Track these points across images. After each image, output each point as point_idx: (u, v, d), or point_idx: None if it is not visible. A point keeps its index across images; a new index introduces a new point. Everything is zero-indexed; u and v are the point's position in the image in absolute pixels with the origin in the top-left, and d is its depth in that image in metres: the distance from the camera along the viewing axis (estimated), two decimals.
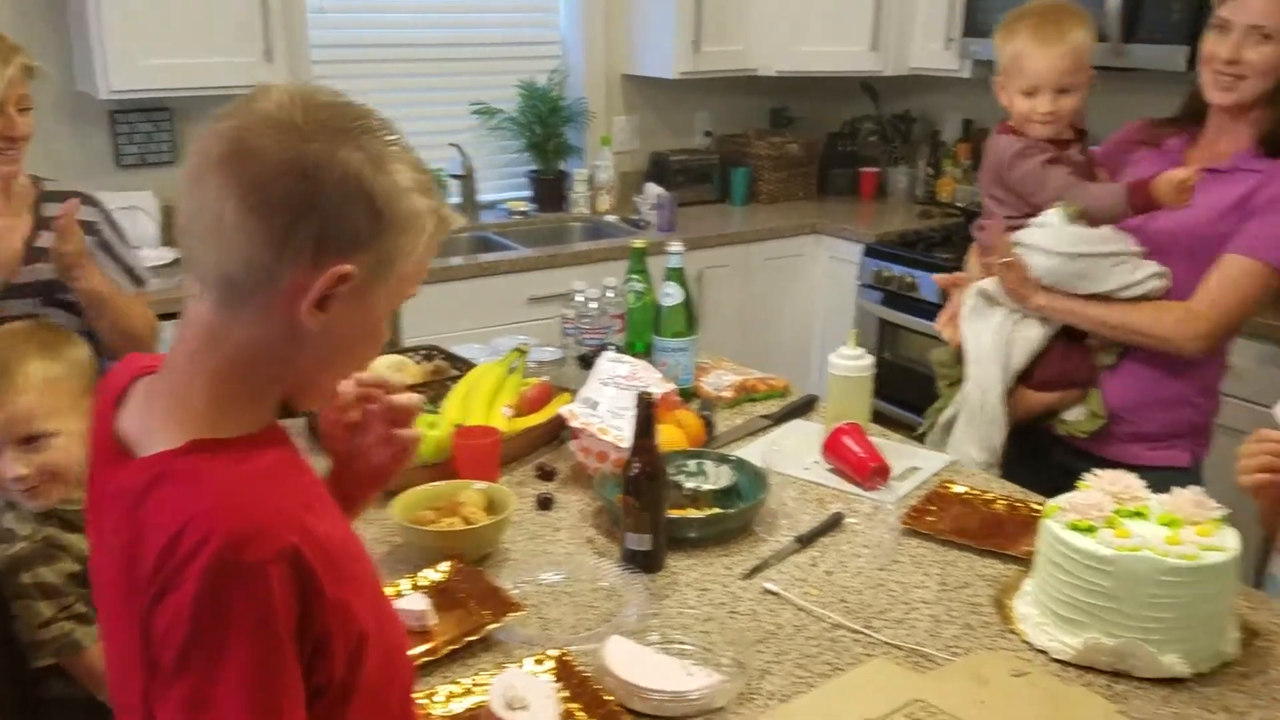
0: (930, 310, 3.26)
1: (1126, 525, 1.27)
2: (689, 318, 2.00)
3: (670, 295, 1.99)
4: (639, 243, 2.12)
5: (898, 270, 3.42)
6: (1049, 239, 1.80)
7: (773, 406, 2.06)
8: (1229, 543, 1.24)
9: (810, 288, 3.80)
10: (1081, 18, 1.83)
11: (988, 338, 1.89)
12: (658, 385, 1.75)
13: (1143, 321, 1.79)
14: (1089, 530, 1.27)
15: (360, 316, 0.89)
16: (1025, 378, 1.89)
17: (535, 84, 3.74)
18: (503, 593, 1.35)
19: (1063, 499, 1.33)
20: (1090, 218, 1.80)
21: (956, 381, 2.00)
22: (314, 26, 3.39)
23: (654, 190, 3.61)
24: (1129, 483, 1.33)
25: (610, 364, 1.79)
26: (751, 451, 1.81)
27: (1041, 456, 1.94)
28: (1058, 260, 1.79)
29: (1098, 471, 1.36)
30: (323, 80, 3.44)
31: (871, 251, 3.53)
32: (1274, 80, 1.72)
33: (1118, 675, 1.23)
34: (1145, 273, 1.78)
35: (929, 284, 3.27)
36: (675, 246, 2.00)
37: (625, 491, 1.45)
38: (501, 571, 1.46)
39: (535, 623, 1.34)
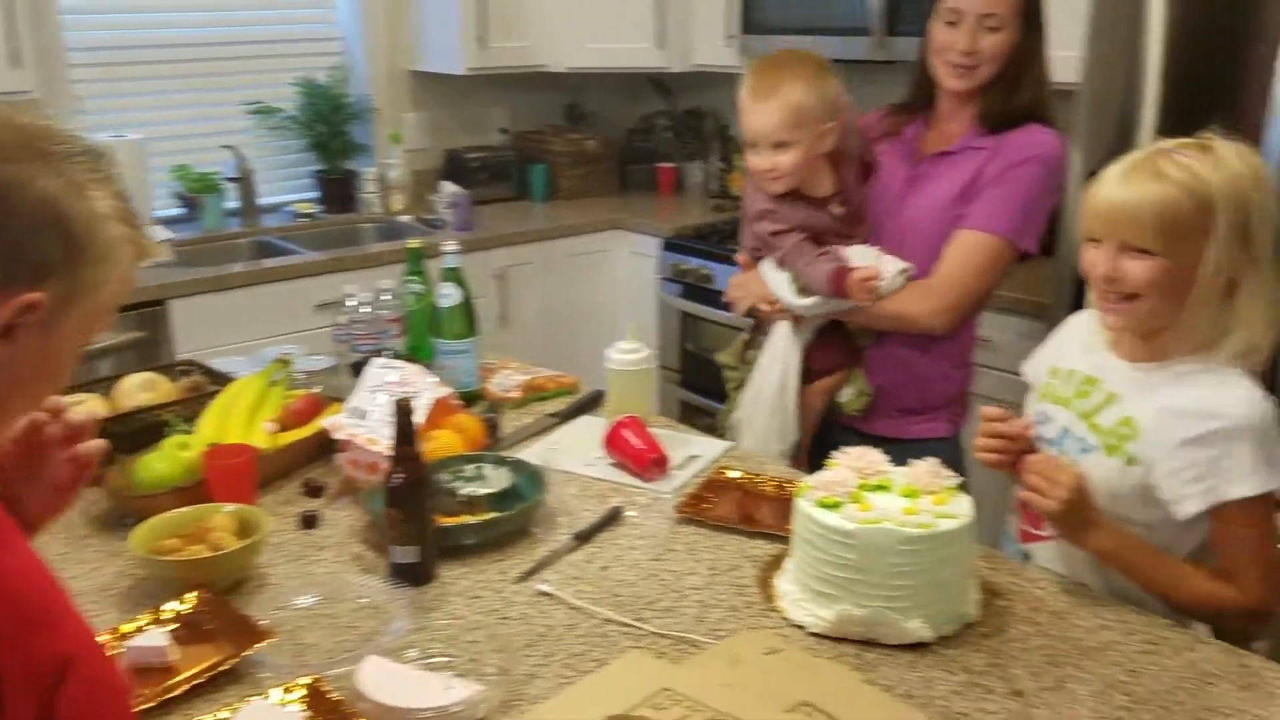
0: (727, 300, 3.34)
1: (870, 499, 1.32)
2: (468, 318, 1.97)
3: (447, 296, 1.95)
4: (414, 243, 2.07)
5: (694, 263, 3.47)
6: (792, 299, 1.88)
7: (562, 404, 2.05)
8: (963, 509, 1.31)
9: (614, 283, 3.83)
10: (803, 74, 1.78)
11: (779, 334, 1.95)
12: (431, 390, 1.71)
13: (888, 306, 1.86)
14: (835, 506, 1.31)
15: (47, 348, 0.85)
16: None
17: (315, 81, 3.61)
18: (253, 621, 1.28)
19: (812, 478, 1.37)
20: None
21: (741, 384, 2.05)
22: (70, 28, 3.18)
23: (449, 188, 3.55)
24: (873, 458, 1.38)
25: (380, 370, 1.74)
26: (537, 452, 1.79)
27: (824, 439, 2.01)
28: (809, 304, 1.88)
29: (846, 449, 1.41)
30: (84, 85, 3.24)
31: (669, 245, 3.58)
32: (1001, 64, 1.83)
33: (869, 644, 1.28)
34: (891, 273, 1.85)
35: (724, 275, 3.35)
36: (450, 246, 1.96)
37: (388, 503, 1.41)
38: (256, 598, 1.39)
39: (289, 649, 1.28)
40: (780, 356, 1.95)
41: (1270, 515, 1.30)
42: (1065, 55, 2.15)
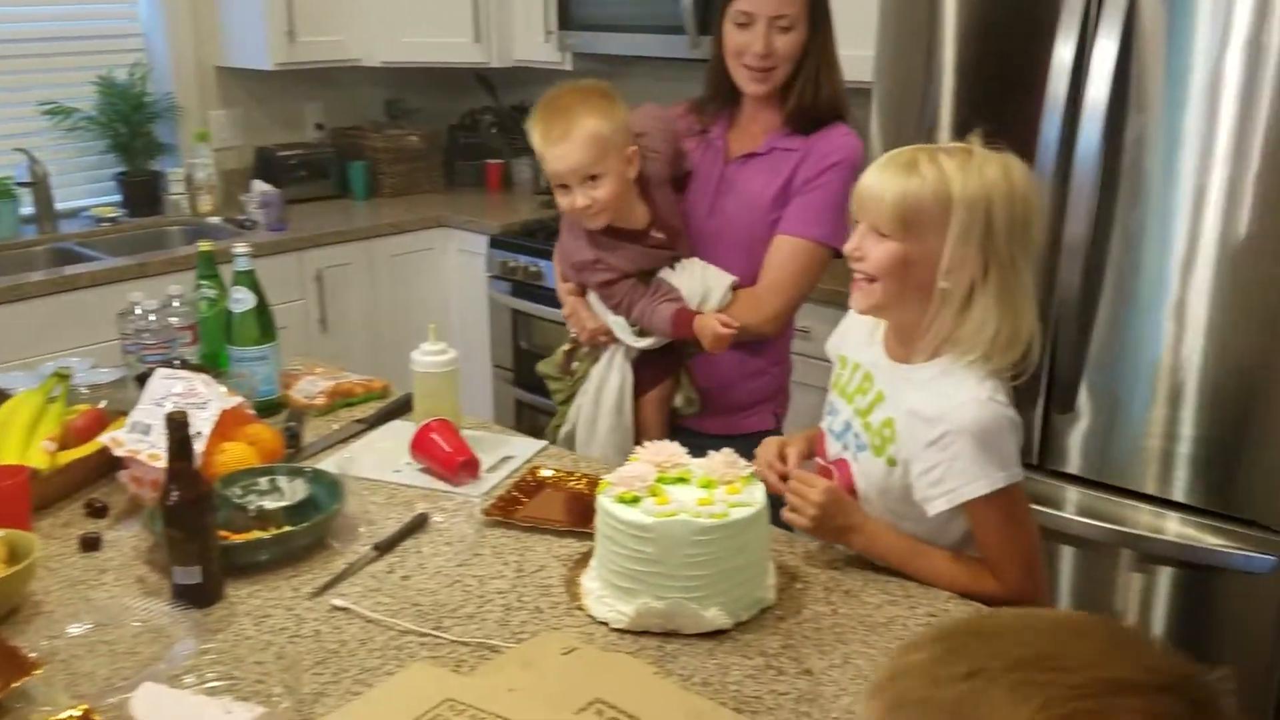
0: (555, 297, 3.32)
1: (668, 492, 1.33)
2: (264, 323, 1.89)
3: (240, 301, 1.87)
4: (205, 245, 1.98)
5: (523, 260, 3.44)
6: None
7: (371, 410, 1.99)
8: (756, 497, 1.33)
9: (442, 282, 3.76)
10: (593, 104, 1.78)
11: (612, 350, 1.96)
12: (219, 400, 1.63)
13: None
14: (634, 501, 1.31)
15: None
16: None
17: (115, 80, 3.41)
18: (22, 652, 1.19)
19: (612, 474, 1.37)
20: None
21: (569, 397, 2.04)
22: None
23: (260, 187, 3.42)
24: (671, 451, 1.39)
25: (164, 381, 1.65)
26: (336, 460, 1.73)
27: None
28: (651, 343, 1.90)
29: (646, 444, 1.42)
30: None
31: (496, 243, 3.53)
32: (797, 63, 1.86)
33: (669, 635, 1.29)
34: (720, 293, 1.88)
35: (553, 271, 3.32)
36: (241, 248, 1.88)
37: (166, 523, 1.34)
38: (28, 627, 1.30)
39: (62, 680, 1.20)
40: (617, 370, 1.95)
41: (1019, 506, 1.36)
42: (859, 55, 2.22)
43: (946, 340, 1.34)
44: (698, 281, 1.88)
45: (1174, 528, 2.10)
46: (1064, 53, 1.99)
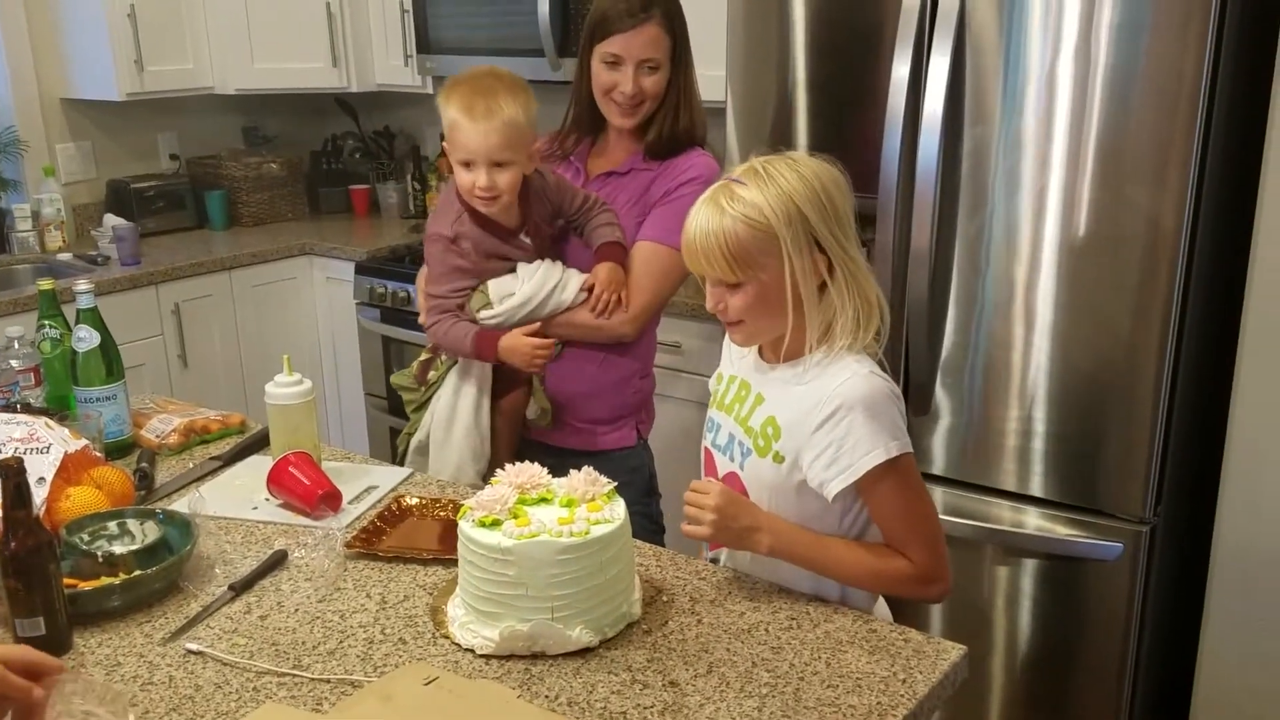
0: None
1: (530, 513, 1.32)
2: (110, 361, 1.82)
3: (84, 340, 1.79)
4: (45, 284, 1.89)
5: (391, 286, 3.40)
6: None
7: (227, 446, 1.93)
8: (618, 513, 1.34)
9: (309, 311, 3.68)
10: (516, 94, 1.81)
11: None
12: (62, 443, 1.56)
13: (580, 317, 1.93)
14: (494, 524, 1.30)
15: None
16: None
17: None
18: None
19: (472, 499, 1.36)
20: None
21: (422, 405, 2.02)
22: None
23: (112, 221, 3.29)
24: (533, 472, 1.39)
25: (3, 427, 1.57)
26: (189, 500, 1.67)
27: (521, 459, 2.02)
28: (503, 316, 1.91)
29: (508, 467, 1.41)
30: None
31: (362, 269, 3.48)
32: (660, 99, 1.95)
33: (536, 657, 1.28)
34: (574, 288, 1.92)
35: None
36: (83, 285, 1.80)
37: (5, 574, 1.27)
38: None
39: None
40: (473, 374, 1.95)
41: (913, 478, 1.39)
42: (711, 74, 2.27)
43: (817, 332, 1.38)
44: (554, 274, 1.91)
45: (1033, 521, 2.19)
46: (901, 70, 2.07)
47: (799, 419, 1.38)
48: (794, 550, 1.40)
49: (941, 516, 2.22)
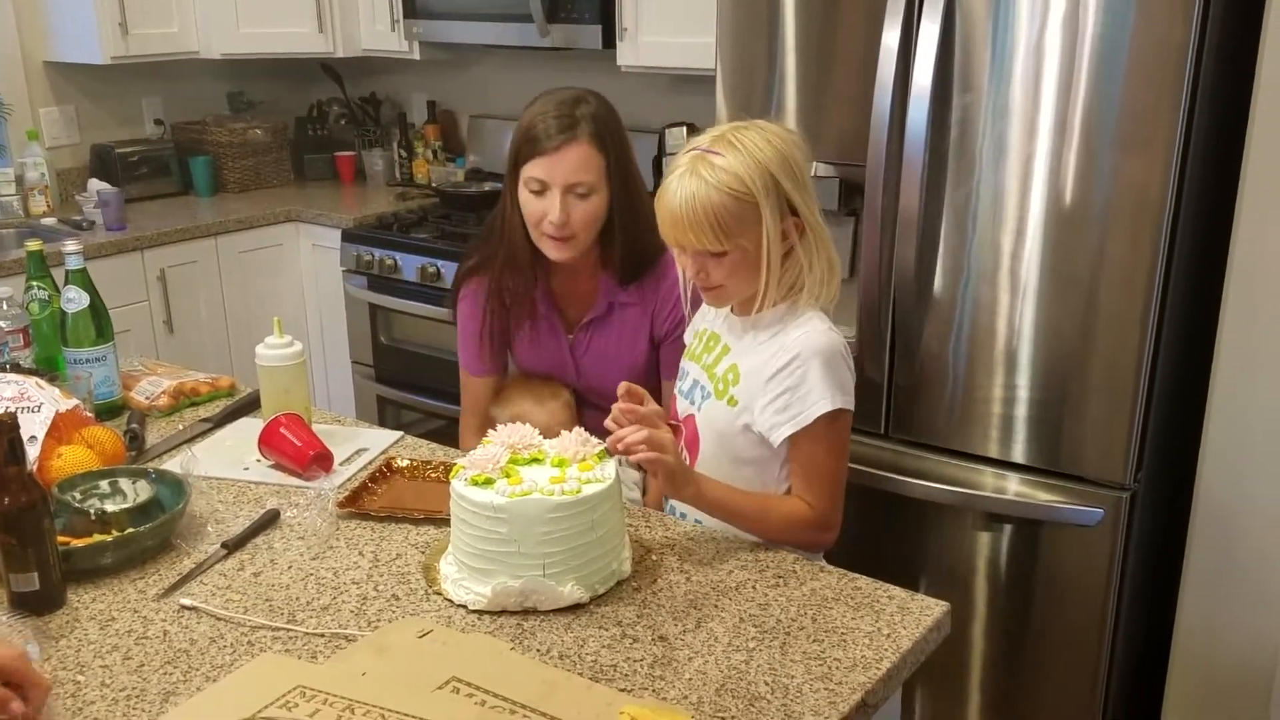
0: (413, 290, 3.29)
1: (521, 473, 1.34)
2: (100, 323, 1.82)
3: (73, 301, 1.79)
4: (34, 245, 1.89)
5: (378, 253, 3.39)
6: None
7: (217, 408, 1.94)
8: (608, 473, 1.35)
9: (296, 278, 3.67)
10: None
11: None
12: (52, 403, 1.57)
13: None
14: (487, 483, 1.32)
15: None
16: None
17: None
18: None
19: (465, 458, 1.38)
20: None
21: None
22: None
23: (96, 186, 3.27)
24: (524, 433, 1.40)
25: None
26: (180, 460, 1.68)
27: None
28: None
29: (499, 427, 1.42)
30: None
31: (349, 236, 3.47)
32: (602, 224, 1.76)
33: (527, 613, 1.30)
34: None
35: (410, 264, 3.30)
36: (72, 246, 1.80)
37: None
38: None
39: None
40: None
41: (845, 436, 1.49)
42: (700, 42, 2.26)
43: (784, 289, 1.46)
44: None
45: (1014, 487, 2.22)
46: (890, 37, 2.07)
47: (758, 367, 1.47)
48: (720, 502, 1.46)
49: (923, 483, 2.28)
